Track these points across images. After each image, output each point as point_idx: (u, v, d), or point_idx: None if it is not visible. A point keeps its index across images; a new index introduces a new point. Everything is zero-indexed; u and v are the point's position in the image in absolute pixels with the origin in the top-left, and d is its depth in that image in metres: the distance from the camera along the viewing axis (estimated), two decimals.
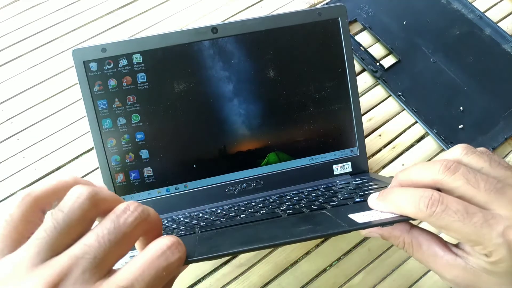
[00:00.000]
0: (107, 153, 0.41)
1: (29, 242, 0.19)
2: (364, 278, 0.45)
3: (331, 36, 0.44)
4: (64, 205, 0.20)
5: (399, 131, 0.54)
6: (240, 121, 0.43)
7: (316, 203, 0.35)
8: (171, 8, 0.62)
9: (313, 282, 0.45)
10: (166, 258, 0.20)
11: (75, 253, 0.19)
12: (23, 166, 0.51)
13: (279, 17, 0.43)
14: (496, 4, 0.62)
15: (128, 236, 0.20)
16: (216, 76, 0.42)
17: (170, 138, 0.42)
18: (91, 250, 0.19)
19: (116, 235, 0.20)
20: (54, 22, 0.61)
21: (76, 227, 0.20)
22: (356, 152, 0.45)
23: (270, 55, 0.43)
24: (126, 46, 0.40)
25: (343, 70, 0.44)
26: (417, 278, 0.46)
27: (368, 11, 0.61)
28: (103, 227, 0.20)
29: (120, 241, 0.20)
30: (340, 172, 0.45)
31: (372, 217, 0.27)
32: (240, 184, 0.44)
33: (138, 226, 0.21)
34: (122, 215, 0.20)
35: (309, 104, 0.44)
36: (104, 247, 0.19)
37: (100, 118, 0.41)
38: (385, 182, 0.39)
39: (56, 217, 0.19)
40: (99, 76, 0.40)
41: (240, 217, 0.35)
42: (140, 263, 0.20)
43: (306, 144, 0.45)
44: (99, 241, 0.19)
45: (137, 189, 0.42)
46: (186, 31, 0.41)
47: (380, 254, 0.47)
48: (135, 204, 0.21)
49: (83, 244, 0.19)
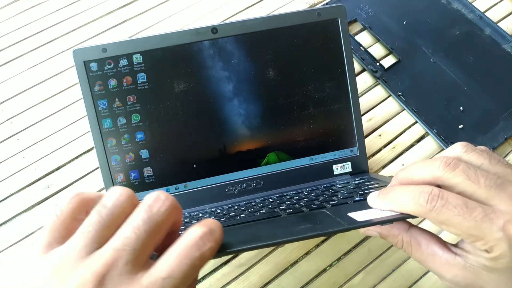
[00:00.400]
0: (107, 153, 0.41)
1: (76, 236, 0.20)
2: (364, 278, 0.45)
3: (330, 37, 0.44)
4: (107, 201, 0.21)
5: (399, 131, 0.54)
6: (240, 121, 0.43)
7: (316, 202, 0.35)
8: (171, 8, 0.62)
9: (313, 282, 0.45)
10: (199, 248, 0.20)
11: (116, 246, 0.19)
12: (23, 166, 0.51)
13: (278, 18, 0.43)
14: (496, 4, 0.62)
15: (162, 225, 0.21)
16: (216, 76, 0.42)
17: (170, 138, 0.42)
18: (130, 242, 0.20)
19: (150, 225, 0.20)
20: (54, 22, 0.61)
21: (117, 221, 0.21)
22: (356, 152, 0.45)
23: (270, 55, 0.43)
24: (127, 46, 0.41)
25: (342, 70, 0.44)
26: (417, 278, 0.46)
27: (368, 11, 0.61)
28: (138, 218, 0.20)
29: (155, 231, 0.20)
30: (340, 172, 0.45)
31: (371, 215, 0.27)
32: (240, 184, 0.44)
33: (170, 215, 0.21)
34: (154, 205, 0.21)
35: (309, 104, 0.44)
36: (141, 238, 0.20)
37: (100, 118, 0.41)
38: (385, 181, 0.39)
39: (100, 212, 0.21)
40: (99, 76, 0.40)
41: (240, 216, 0.35)
42: (176, 253, 0.20)
43: (306, 144, 0.45)
44: (135, 232, 0.20)
45: (137, 189, 0.42)
46: (186, 31, 0.41)
47: (380, 254, 0.47)
48: (165, 193, 0.21)
49: (122, 237, 0.20)
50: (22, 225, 0.48)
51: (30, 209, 0.49)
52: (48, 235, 0.21)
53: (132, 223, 0.20)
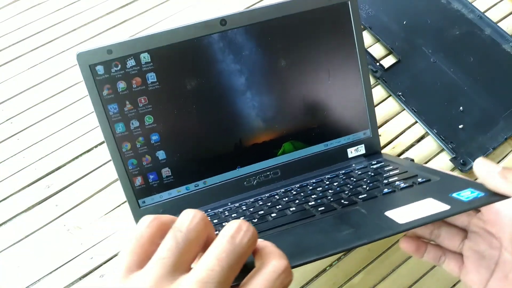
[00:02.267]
0: (123, 157, 0.40)
1: (155, 262, 0.20)
2: (364, 278, 0.45)
3: (341, 20, 0.43)
4: (181, 225, 0.21)
5: (399, 131, 0.54)
6: (254, 114, 0.43)
7: (343, 195, 0.35)
8: (171, 9, 0.62)
9: (313, 282, 0.45)
10: (281, 282, 0.20)
11: (202, 278, 0.19)
12: (23, 166, 0.51)
13: (288, 4, 0.42)
14: (496, 4, 0.62)
15: (243, 257, 0.20)
16: (228, 70, 0.42)
17: (185, 137, 0.42)
18: (215, 275, 0.19)
19: (234, 257, 0.20)
20: (54, 22, 0.61)
21: (193, 245, 0.20)
22: (368, 134, 0.46)
23: (280, 44, 0.42)
24: (133, 45, 0.39)
25: (354, 54, 0.44)
26: (417, 278, 0.46)
27: (368, 11, 0.61)
28: (222, 249, 0.20)
29: (238, 262, 0.20)
30: (354, 155, 0.46)
31: (412, 214, 0.26)
32: (258, 176, 0.44)
33: (251, 246, 0.21)
34: (236, 236, 0.20)
35: (322, 90, 0.44)
36: (225, 271, 0.19)
37: (112, 123, 0.39)
38: (399, 163, 0.39)
39: (176, 237, 0.20)
40: (107, 80, 0.39)
41: (271, 216, 0.35)
42: (260, 286, 0.20)
43: (320, 131, 0.45)
44: (220, 265, 0.19)
45: (156, 190, 0.42)
46: (194, 25, 0.40)
47: (380, 254, 0.47)
48: (246, 223, 0.21)
49: (208, 269, 0.19)
50: (22, 225, 0.48)
51: (30, 209, 0.49)
52: (128, 258, 0.21)
53: (216, 255, 0.20)
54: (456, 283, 0.46)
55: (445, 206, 0.27)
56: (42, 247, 0.47)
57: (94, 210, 0.49)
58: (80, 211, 0.49)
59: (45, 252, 0.46)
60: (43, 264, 0.46)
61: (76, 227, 0.48)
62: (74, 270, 0.45)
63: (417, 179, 0.35)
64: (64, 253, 0.46)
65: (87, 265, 0.45)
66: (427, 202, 0.28)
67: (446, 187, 0.30)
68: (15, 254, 0.46)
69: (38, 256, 0.46)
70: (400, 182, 0.35)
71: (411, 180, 0.35)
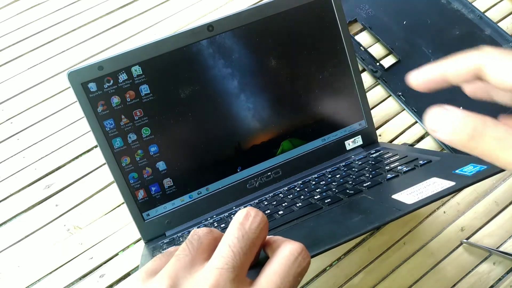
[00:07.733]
0: (123, 172, 0.40)
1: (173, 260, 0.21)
2: (364, 278, 0.45)
3: (325, 15, 0.44)
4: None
5: (399, 131, 0.54)
6: (250, 116, 0.43)
7: (348, 186, 0.35)
8: (171, 8, 0.62)
9: (313, 282, 0.45)
10: (299, 264, 0.21)
11: (216, 265, 0.20)
12: (23, 166, 0.51)
13: (272, 4, 0.42)
14: (496, 4, 0.62)
15: (256, 242, 0.21)
16: (220, 74, 0.42)
17: (184, 145, 0.42)
18: (228, 260, 0.20)
19: (245, 242, 0.20)
20: (54, 22, 0.61)
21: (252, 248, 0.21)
22: (364, 125, 0.46)
23: (269, 44, 0.43)
24: (123, 59, 0.39)
25: (341, 47, 0.44)
26: (417, 278, 0.46)
27: (368, 11, 0.61)
28: (232, 236, 0.20)
29: (250, 247, 0.20)
30: (352, 146, 0.46)
31: (417, 195, 0.26)
32: (260, 177, 0.44)
33: (262, 231, 0.21)
34: (245, 222, 0.21)
35: (314, 85, 0.44)
36: (238, 255, 0.20)
37: (109, 139, 0.39)
38: (398, 150, 0.40)
39: (192, 240, 0.21)
40: (100, 96, 0.38)
41: (278, 214, 0.35)
42: (278, 270, 0.20)
43: (316, 126, 0.45)
44: (232, 251, 0.20)
45: (159, 202, 0.42)
46: (182, 33, 0.40)
47: (380, 254, 0.47)
48: (254, 209, 0.22)
49: (220, 256, 0.20)
50: (22, 225, 0.48)
51: (30, 209, 0.49)
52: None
53: (228, 242, 0.20)
54: (456, 283, 0.46)
55: (450, 182, 0.27)
56: (42, 247, 0.47)
57: (94, 210, 0.49)
58: (80, 211, 0.49)
59: (45, 252, 0.46)
60: (43, 264, 0.46)
61: (76, 227, 0.48)
62: (74, 270, 0.45)
63: (418, 162, 0.35)
64: (64, 253, 0.46)
65: (87, 265, 0.45)
66: (432, 182, 0.29)
67: (448, 166, 0.31)
68: (15, 254, 0.46)
69: (38, 256, 0.46)
70: (402, 167, 0.35)
71: (413, 163, 0.35)
